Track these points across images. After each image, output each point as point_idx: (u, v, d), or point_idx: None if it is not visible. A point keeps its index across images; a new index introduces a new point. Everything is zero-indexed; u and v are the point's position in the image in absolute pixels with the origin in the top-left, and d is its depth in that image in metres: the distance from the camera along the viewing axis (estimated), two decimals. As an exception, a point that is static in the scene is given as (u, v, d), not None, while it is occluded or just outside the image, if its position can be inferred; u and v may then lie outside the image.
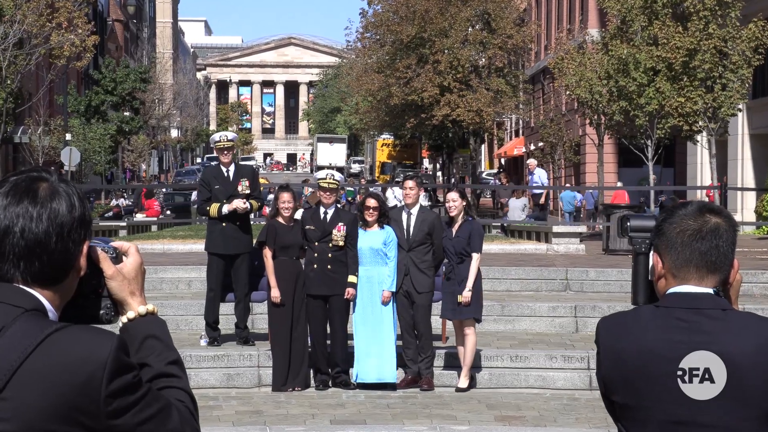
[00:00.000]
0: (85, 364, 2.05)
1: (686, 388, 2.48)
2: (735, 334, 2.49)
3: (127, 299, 2.28)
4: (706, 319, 2.51)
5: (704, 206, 2.61)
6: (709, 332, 2.50)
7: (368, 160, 78.92)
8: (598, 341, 2.60)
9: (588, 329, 12.73)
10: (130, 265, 2.31)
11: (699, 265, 2.56)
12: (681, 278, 2.57)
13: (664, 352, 2.49)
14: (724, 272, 2.58)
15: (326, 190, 10.79)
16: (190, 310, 12.93)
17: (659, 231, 2.61)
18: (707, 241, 2.56)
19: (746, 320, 2.52)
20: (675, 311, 2.52)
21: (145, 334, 2.27)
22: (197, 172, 70.74)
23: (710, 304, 2.53)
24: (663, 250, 2.60)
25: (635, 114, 26.79)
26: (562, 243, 19.90)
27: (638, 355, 2.52)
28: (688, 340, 2.49)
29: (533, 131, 51.57)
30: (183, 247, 19.48)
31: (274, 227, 10.62)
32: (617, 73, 26.99)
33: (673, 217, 2.59)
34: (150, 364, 2.24)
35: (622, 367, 2.54)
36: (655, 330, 2.52)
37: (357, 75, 52.34)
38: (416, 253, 10.64)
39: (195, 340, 11.85)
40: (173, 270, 15.14)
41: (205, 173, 12.20)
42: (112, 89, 54.82)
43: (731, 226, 2.58)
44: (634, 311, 2.63)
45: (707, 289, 2.55)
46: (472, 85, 42.93)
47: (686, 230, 2.56)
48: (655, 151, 27.63)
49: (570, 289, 14.86)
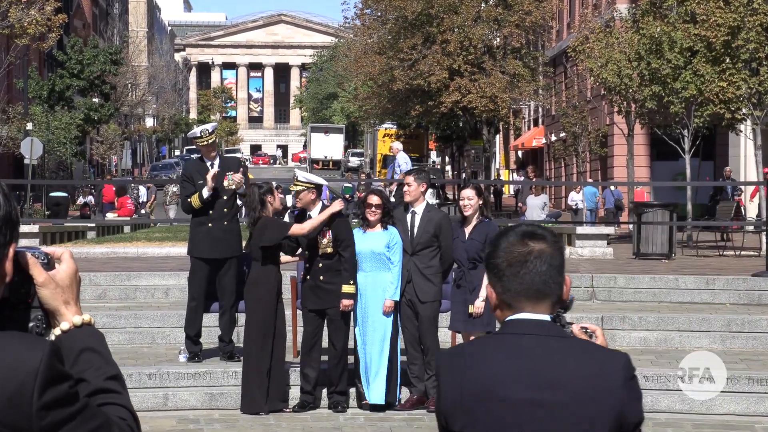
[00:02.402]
0: (14, 373, 2.05)
1: (528, 418, 2.77)
2: (573, 365, 2.80)
3: (60, 309, 2.28)
4: (545, 345, 2.83)
5: (526, 233, 2.92)
6: (548, 358, 2.81)
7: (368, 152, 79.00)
8: (438, 374, 2.90)
9: (616, 344, 12.74)
10: (63, 271, 2.31)
11: (529, 294, 2.88)
12: (515, 308, 2.89)
13: (507, 380, 2.79)
14: (555, 294, 2.90)
15: (297, 193, 10.77)
16: (167, 322, 12.95)
17: (488, 264, 2.93)
18: (534, 269, 2.88)
19: (586, 347, 2.87)
20: (513, 338, 2.85)
21: (81, 346, 2.27)
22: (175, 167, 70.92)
23: (549, 332, 2.85)
24: (493, 281, 2.93)
25: (670, 100, 26.79)
26: (587, 246, 19.93)
27: (481, 384, 2.82)
28: (529, 366, 2.79)
29: (554, 120, 51.56)
30: (160, 250, 19.52)
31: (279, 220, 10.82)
32: (649, 54, 26.99)
33: (498, 249, 2.91)
34: (87, 380, 2.23)
35: (464, 398, 2.83)
36: (495, 359, 2.83)
37: (355, 56, 52.36)
38: (420, 257, 10.63)
39: (173, 356, 11.87)
40: (148, 276, 15.16)
41: (186, 167, 12.23)
42: (79, 72, 54.87)
43: (556, 249, 2.91)
44: (473, 342, 3.01)
45: (544, 316, 2.88)
46: (485, 68, 42.94)
47: (512, 261, 2.88)
48: (692, 142, 27.62)
49: (596, 298, 14.88)
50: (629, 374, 2.81)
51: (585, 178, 45.07)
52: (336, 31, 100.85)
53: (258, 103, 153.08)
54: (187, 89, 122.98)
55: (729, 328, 13.00)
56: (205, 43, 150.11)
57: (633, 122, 31.55)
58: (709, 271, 16.81)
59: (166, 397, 10.86)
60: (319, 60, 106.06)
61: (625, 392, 2.78)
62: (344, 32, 76.28)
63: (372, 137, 71.63)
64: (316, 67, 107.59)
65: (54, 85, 53.41)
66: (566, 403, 2.77)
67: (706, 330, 12.97)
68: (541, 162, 59.02)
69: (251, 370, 10.50)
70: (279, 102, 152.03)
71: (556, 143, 48.40)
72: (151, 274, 15.35)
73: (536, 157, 61.62)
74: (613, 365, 2.82)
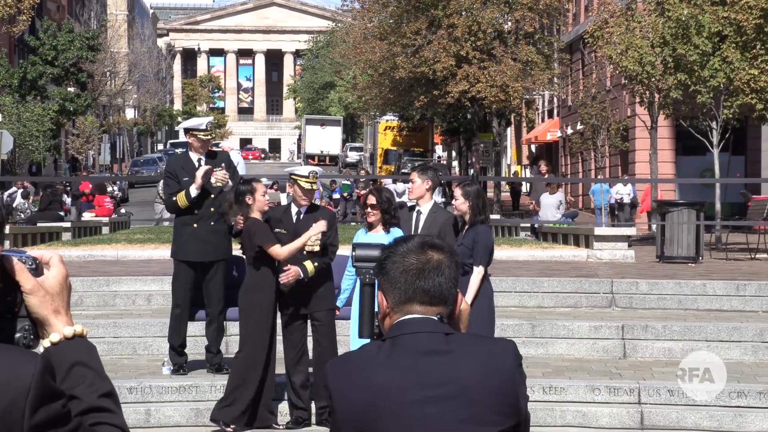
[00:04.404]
0: (4, 390, 2.05)
1: (422, 416, 2.93)
2: (464, 357, 2.99)
3: (50, 319, 2.29)
4: (433, 342, 3.00)
5: (426, 242, 3.09)
6: (437, 355, 2.98)
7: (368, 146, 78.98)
8: (326, 386, 3.05)
9: (638, 354, 12.74)
10: (53, 278, 2.31)
11: (422, 301, 3.06)
12: (405, 312, 3.06)
13: (396, 384, 2.95)
14: (448, 305, 3.08)
15: (307, 191, 10.75)
16: (149, 331, 12.95)
17: (382, 269, 3.08)
18: (430, 279, 3.05)
19: (472, 342, 3.06)
20: (401, 339, 3.01)
21: (73, 360, 2.27)
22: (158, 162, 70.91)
23: (435, 328, 3.02)
24: (387, 288, 3.08)
25: (696, 90, 26.80)
26: (607, 248, 19.91)
27: (369, 392, 2.97)
28: (418, 367, 2.96)
29: (571, 111, 51.57)
30: (141, 253, 19.52)
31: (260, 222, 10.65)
32: (675, 39, 27.00)
33: (395, 255, 3.06)
34: (79, 397, 2.23)
35: (354, 407, 2.98)
36: (384, 363, 2.98)
37: (354, 42, 52.38)
38: (422, 263, 10.64)
39: (156, 368, 11.88)
40: (129, 281, 15.16)
41: (170, 163, 12.23)
42: (53, 59, 54.90)
43: (453, 262, 3.08)
44: (359, 349, 3.12)
45: (431, 316, 3.05)
46: (495, 54, 42.95)
47: (409, 269, 3.04)
48: (721, 135, 27.63)
49: (616, 305, 14.88)
50: (519, 359, 3.04)
51: (604, 174, 45.07)
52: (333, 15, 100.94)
53: (248, 92, 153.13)
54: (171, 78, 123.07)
55: (762, 338, 12.99)
56: (191, 27, 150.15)
57: (656, 114, 31.55)
58: (739, 276, 16.80)
59: (148, 413, 10.86)
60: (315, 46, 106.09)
61: (518, 374, 3.02)
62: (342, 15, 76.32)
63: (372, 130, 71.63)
64: (312, 54, 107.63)
65: (25, 73, 53.45)
66: (459, 395, 2.95)
67: (736, 340, 12.96)
68: (556, 157, 59.04)
69: (247, 383, 10.46)
70: (271, 92, 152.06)
71: (572, 137, 48.40)
72: (131, 278, 15.35)
73: (551, 151, 61.64)
74: (504, 349, 3.04)
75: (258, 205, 10.60)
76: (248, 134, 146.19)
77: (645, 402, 11.14)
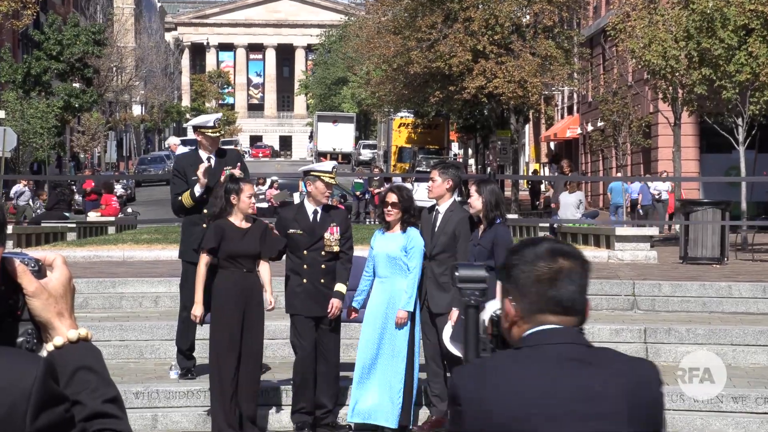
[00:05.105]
0: (4, 394, 2.05)
1: (580, 427, 2.88)
2: (613, 375, 2.97)
3: (53, 322, 2.28)
4: (578, 354, 2.97)
5: (555, 249, 3.06)
6: (584, 368, 2.95)
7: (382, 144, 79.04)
8: (456, 395, 2.96)
9: (661, 359, 12.70)
10: (56, 280, 2.31)
11: (555, 311, 3.02)
12: (538, 322, 3.02)
13: (545, 395, 2.89)
14: (581, 314, 3.06)
15: (331, 187, 10.80)
16: (157, 334, 12.97)
17: (509, 276, 3.04)
18: (562, 288, 3.01)
19: (616, 359, 3.04)
20: (543, 348, 2.96)
21: (77, 365, 2.27)
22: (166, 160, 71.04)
23: (577, 339, 3.01)
24: (515, 296, 3.04)
25: (722, 85, 26.73)
26: (628, 249, 19.88)
27: (514, 402, 2.90)
28: (566, 378, 2.91)
29: (591, 108, 51.49)
30: (148, 254, 19.55)
31: (222, 228, 10.48)
32: (699, 32, 26.94)
33: (524, 261, 3.02)
34: (83, 402, 2.23)
35: (493, 417, 2.90)
36: (528, 371, 2.93)
37: (368, 36, 52.41)
38: (438, 262, 10.62)
39: (164, 372, 11.89)
40: (136, 283, 15.19)
41: (179, 161, 12.22)
42: (58, 54, 55.03)
43: (584, 269, 3.06)
44: (492, 359, 3.07)
45: (569, 326, 3.03)
46: (513, 49, 42.92)
47: (540, 278, 3.00)
48: (747, 132, 27.56)
49: (638, 308, 14.85)
50: (662, 384, 3.05)
51: (625, 172, 44.99)
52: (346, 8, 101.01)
53: (258, 88, 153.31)
54: (179, 73, 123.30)
55: (789, 342, 12.95)
56: (200, 21, 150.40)
57: (680, 110, 31.46)
58: (766, 278, 16.75)
59: (155, 419, 10.87)
60: (327, 40, 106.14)
61: (663, 401, 3.02)
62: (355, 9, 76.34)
63: (386, 127, 71.67)
64: (324, 49, 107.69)
65: (30, 69, 53.57)
66: (610, 414, 2.91)
67: (763, 344, 12.91)
68: (576, 155, 58.96)
69: (215, 392, 10.37)
70: (282, 88, 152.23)
71: (593, 134, 48.33)
72: (138, 280, 15.37)
73: (570, 149, 61.57)
74: (650, 372, 3.06)
75: (242, 206, 10.45)
76: (258, 131, 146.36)
77: (668, 408, 11.06)
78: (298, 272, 10.66)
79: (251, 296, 10.41)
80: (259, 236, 10.46)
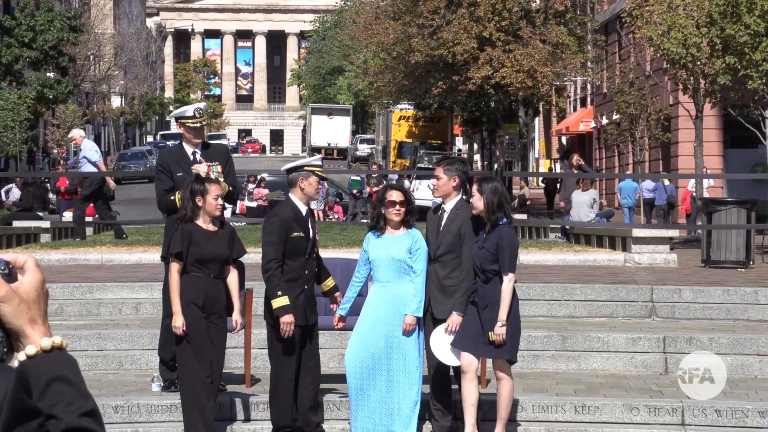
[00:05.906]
0: None
1: None
2: None
3: (25, 329, 2.29)
4: None
5: None
6: None
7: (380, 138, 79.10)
8: None
9: (682, 370, 12.71)
10: (28, 283, 2.31)
11: None
12: None
13: None
14: None
15: (321, 179, 10.95)
16: (138, 343, 12.98)
17: None
18: None
19: None
20: None
21: (51, 375, 2.27)
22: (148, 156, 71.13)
23: None
24: None
25: (747, 75, 26.76)
26: (646, 251, 19.89)
27: None
28: None
29: (606, 99, 51.54)
30: (129, 257, 19.54)
31: (189, 231, 10.46)
32: (723, 18, 26.96)
33: None
34: (58, 416, 2.23)
35: None
36: None
37: (365, 22, 52.45)
38: (442, 264, 10.61)
39: (145, 384, 11.89)
40: (115, 289, 15.19)
41: (163, 157, 12.23)
42: (30, 41, 55.03)
43: None
44: None
45: None
46: (522, 36, 42.96)
47: None
48: (774, 126, 27.57)
49: (657, 315, 14.86)
50: None
51: (643, 168, 45.04)
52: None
53: (247, 79, 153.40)
54: (162, 62, 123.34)
55: (819, 352, 12.97)
56: (184, 6, 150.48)
57: (702, 102, 31.49)
58: (794, 283, 16.76)
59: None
60: (322, 27, 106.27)
61: None
62: (351, -7, 76.31)
63: (385, 120, 71.73)
64: (318, 36, 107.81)
65: (0, 57, 53.60)
66: None
67: (791, 354, 12.94)
68: (590, 150, 59.01)
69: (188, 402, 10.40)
70: (272, 78, 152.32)
71: (608, 127, 48.36)
72: (117, 285, 15.37)
73: (584, 143, 61.63)
74: None
75: (208, 209, 10.45)
76: (247, 125, 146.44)
77: (689, 423, 11.11)
78: (297, 280, 10.63)
79: (214, 306, 10.44)
80: (227, 240, 10.50)
